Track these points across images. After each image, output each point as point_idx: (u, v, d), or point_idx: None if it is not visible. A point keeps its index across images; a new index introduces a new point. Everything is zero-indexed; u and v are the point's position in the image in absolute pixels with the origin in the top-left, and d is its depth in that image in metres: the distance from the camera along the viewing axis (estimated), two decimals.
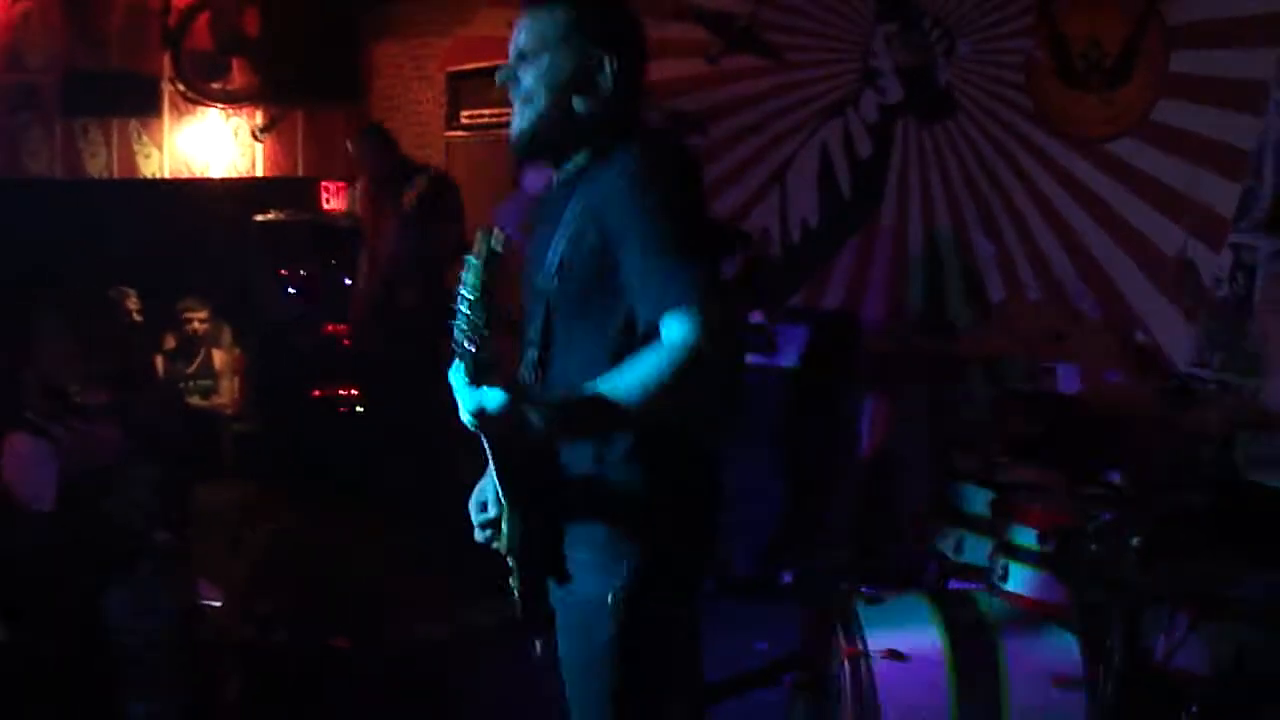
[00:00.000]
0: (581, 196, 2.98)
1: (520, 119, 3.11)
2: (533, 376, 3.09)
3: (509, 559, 3.12)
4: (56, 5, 9.14)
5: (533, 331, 3.09)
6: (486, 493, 3.14)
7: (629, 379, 2.78)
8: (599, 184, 2.95)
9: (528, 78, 3.07)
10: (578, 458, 2.99)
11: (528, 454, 2.92)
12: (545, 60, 3.04)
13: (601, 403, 2.79)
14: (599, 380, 2.81)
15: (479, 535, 3.16)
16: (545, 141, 3.12)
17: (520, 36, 3.10)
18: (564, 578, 3.05)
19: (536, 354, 3.08)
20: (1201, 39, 6.33)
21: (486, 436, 2.83)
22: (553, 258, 2.97)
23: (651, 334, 2.84)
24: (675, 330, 2.77)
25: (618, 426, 2.91)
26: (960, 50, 7.19)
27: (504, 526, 3.04)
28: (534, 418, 2.73)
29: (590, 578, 3.01)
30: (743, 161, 7.87)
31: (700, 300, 2.76)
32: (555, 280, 2.97)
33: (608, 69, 3.03)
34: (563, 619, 3.11)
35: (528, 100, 3.08)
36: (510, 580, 3.17)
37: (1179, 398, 5.05)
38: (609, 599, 2.97)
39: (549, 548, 3.05)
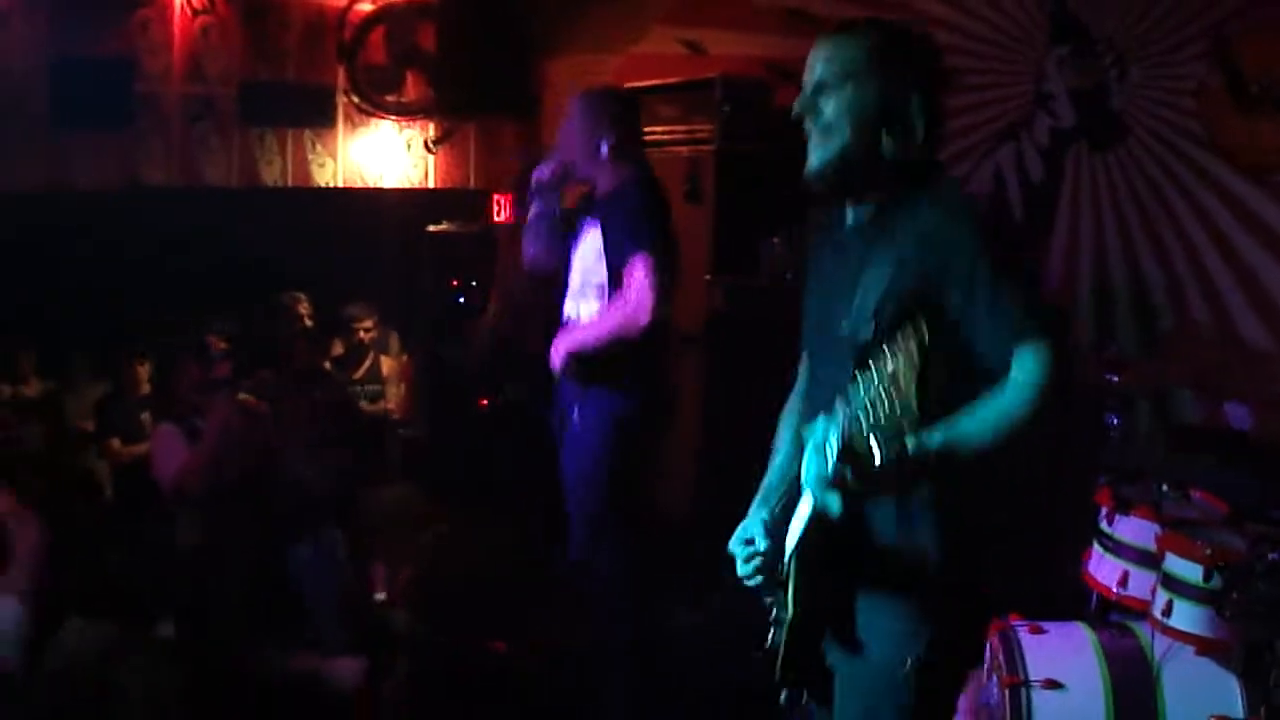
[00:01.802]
0: (901, 239, 2.87)
1: (821, 151, 2.98)
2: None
3: (776, 612, 3.04)
4: (235, 19, 9.33)
5: (831, 381, 2.92)
6: (752, 530, 3.06)
7: (990, 416, 2.75)
8: (922, 225, 2.86)
9: (829, 109, 2.95)
10: (882, 521, 2.93)
11: (845, 519, 2.76)
12: (850, 91, 2.92)
13: (970, 449, 2.73)
14: (960, 419, 2.74)
15: (744, 569, 3.06)
16: (845, 178, 2.99)
17: (819, 66, 2.99)
18: (856, 645, 3.01)
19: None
20: None
21: (832, 499, 2.67)
22: (865, 303, 2.87)
23: (980, 374, 2.80)
24: (1029, 365, 2.74)
25: (974, 462, 2.79)
26: (1132, 75, 7.13)
27: (790, 586, 2.95)
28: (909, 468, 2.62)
29: (887, 645, 2.97)
30: None
31: (1052, 336, 2.76)
32: (872, 326, 2.84)
33: (914, 104, 2.92)
34: (849, 683, 3.06)
35: (828, 132, 2.96)
36: (773, 635, 3.09)
37: None
38: (906, 666, 2.94)
39: (839, 613, 3.00)
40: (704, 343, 7.55)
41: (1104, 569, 4.89)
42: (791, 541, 2.91)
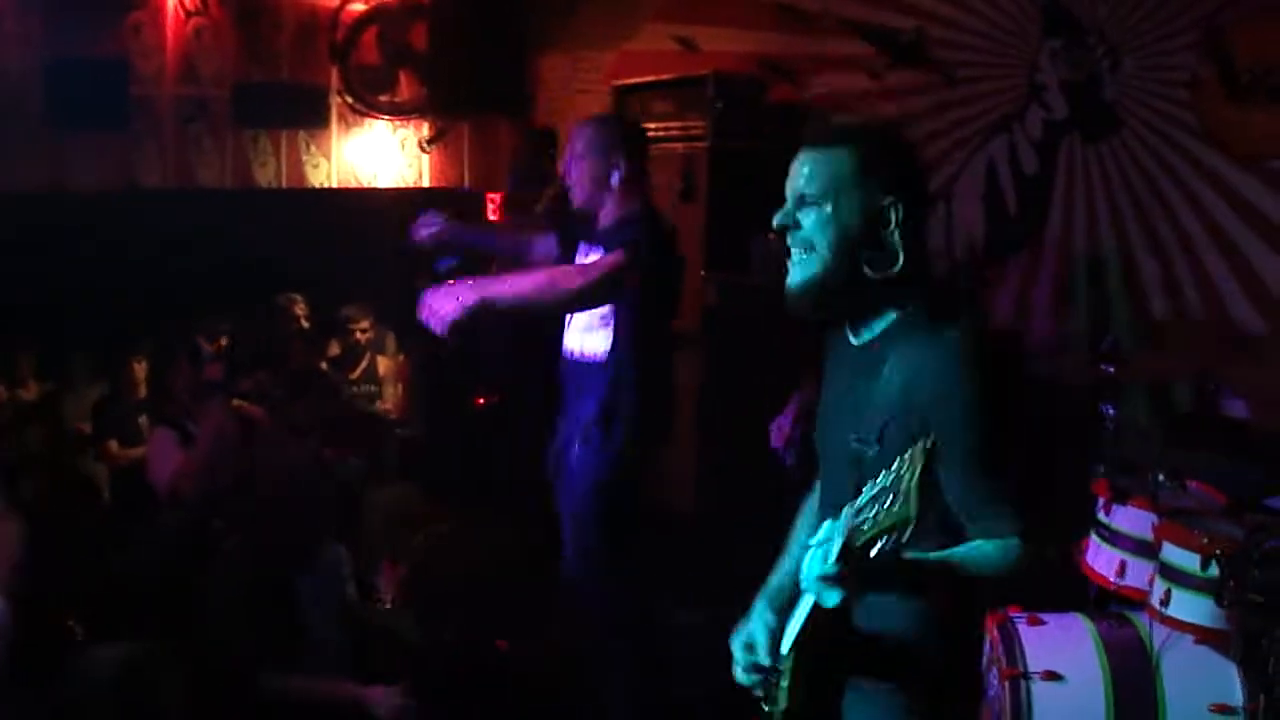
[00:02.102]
0: (899, 367, 2.82)
1: (800, 269, 2.91)
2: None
3: (768, 705, 2.97)
4: (228, 21, 9.34)
5: (838, 488, 2.91)
6: (755, 636, 2.93)
7: (969, 562, 2.75)
8: (916, 360, 2.80)
9: (808, 223, 2.86)
10: (873, 615, 2.90)
11: (840, 617, 2.75)
12: (830, 208, 2.83)
13: (948, 572, 2.75)
14: (949, 554, 2.76)
15: (743, 677, 2.97)
16: (825, 300, 2.92)
17: (801, 179, 2.89)
18: None
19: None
20: None
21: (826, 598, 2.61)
22: (871, 421, 2.83)
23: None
24: (994, 549, 2.75)
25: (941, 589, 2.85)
26: (1125, 66, 7.14)
27: (784, 681, 2.88)
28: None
29: None
30: None
31: (1025, 530, 2.73)
32: (876, 447, 2.80)
33: (893, 219, 2.82)
34: None
35: (808, 248, 2.87)
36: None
37: None
38: None
39: (831, 708, 3.01)
40: (699, 339, 7.55)
41: (1102, 559, 4.90)
42: (789, 638, 2.86)
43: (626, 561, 5.33)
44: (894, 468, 2.37)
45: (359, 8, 9.81)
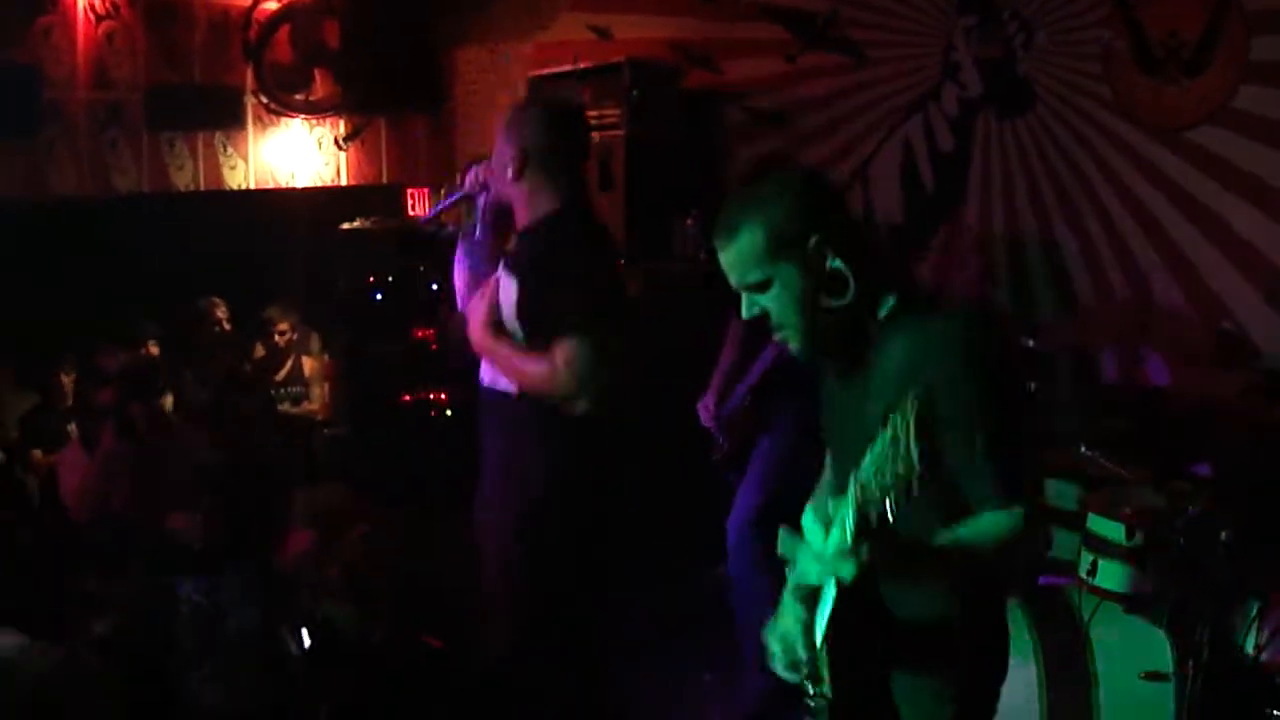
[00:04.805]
0: (898, 353, 2.85)
1: (793, 342, 2.97)
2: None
3: (814, 701, 3.00)
4: (140, 23, 9.23)
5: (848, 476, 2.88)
6: (788, 630, 2.98)
7: (968, 540, 2.76)
8: (919, 340, 2.84)
9: (771, 307, 2.93)
10: (903, 593, 2.94)
11: (867, 595, 2.80)
12: (774, 284, 2.89)
13: (947, 557, 2.77)
14: (950, 534, 2.77)
15: (786, 674, 3.00)
16: (829, 347, 2.99)
17: (734, 276, 2.94)
18: (895, 715, 3.07)
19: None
20: None
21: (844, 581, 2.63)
22: (877, 406, 2.70)
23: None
24: (999, 519, 2.75)
25: (941, 580, 2.91)
26: (1038, 41, 7.17)
27: (825, 672, 2.93)
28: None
29: (923, 710, 3.04)
30: (824, 160, 7.85)
31: (1022, 498, 2.75)
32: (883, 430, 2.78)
33: (828, 251, 2.86)
34: None
35: (782, 327, 2.94)
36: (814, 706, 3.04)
37: (1268, 389, 5.03)
38: None
39: (875, 688, 3.05)
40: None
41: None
42: (819, 627, 2.88)
43: (548, 576, 4.71)
44: (888, 428, 2.39)
45: (272, 6, 9.71)
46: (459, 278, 4.95)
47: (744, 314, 2.97)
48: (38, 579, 5.84)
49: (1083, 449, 4.94)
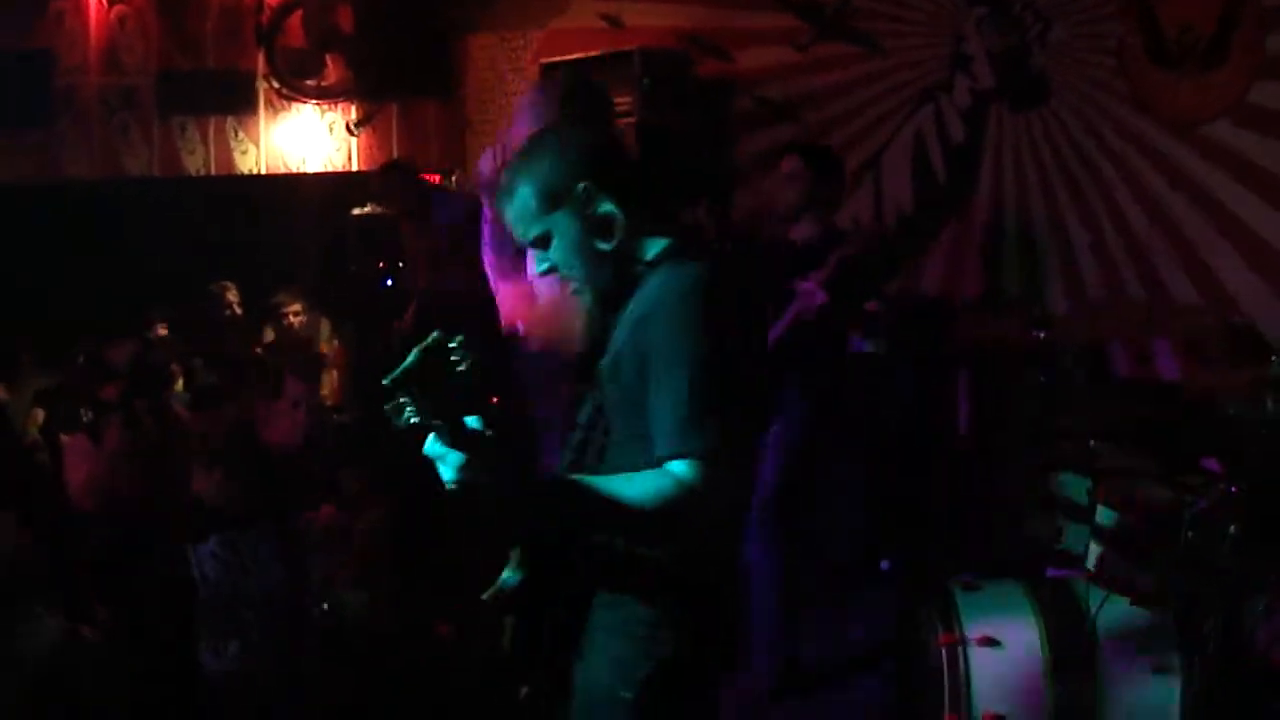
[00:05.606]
0: (637, 305, 2.89)
1: (581, 294, 3.05)
2: (574, 457, 3.01)
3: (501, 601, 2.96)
4: (152, 7, 9.23)
5: (582, 415, 3.04)
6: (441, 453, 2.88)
7: (625, 490, 2.69)
8: (646, 293, 2.88)
9: (556, 259, 3.00)
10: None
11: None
12: (555, 236, 2.96)
13: (591, 498, 2.70)
14: (600, 478, 2.75)
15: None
16: (615, 290, 2.99)
17: (520, 233, 3.03)
18: (580, 657, 3.00)
19: (582, 435, 3.02)
20: None
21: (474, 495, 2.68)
22: (611, 356, 2.89)
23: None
24: (679, 471, 2.68)
25: (595, 529, 2.85)
26: (1055, 34, 7.16)
27: (506, 574, 2.91)
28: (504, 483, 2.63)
29: (611, 666, 2.94)
30: (835, 149, 7.84)
31: (708, 454, 2.67)
32: (608, 380, 2.89)
33: (594, 197, 2.92)
34: (576, 697, 3.04)
35: (570, 276, 3.02)
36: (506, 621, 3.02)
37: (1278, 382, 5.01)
38: (628, 694, 2.91)
39: (563, 622, 3.00)
40: None
41: (1039, 525, 4.92)
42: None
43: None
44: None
45: None
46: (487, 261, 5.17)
47: (537, 270, 3.07)
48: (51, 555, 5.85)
49: (1093, 442, 4.93)
